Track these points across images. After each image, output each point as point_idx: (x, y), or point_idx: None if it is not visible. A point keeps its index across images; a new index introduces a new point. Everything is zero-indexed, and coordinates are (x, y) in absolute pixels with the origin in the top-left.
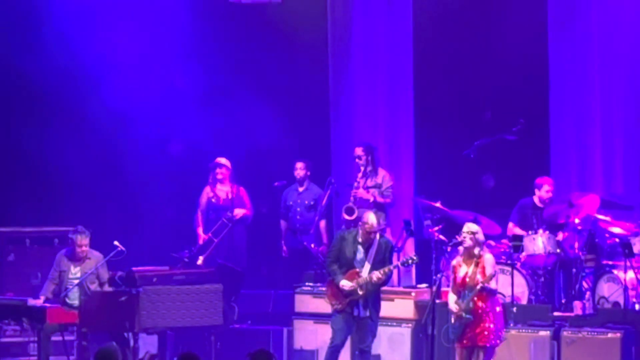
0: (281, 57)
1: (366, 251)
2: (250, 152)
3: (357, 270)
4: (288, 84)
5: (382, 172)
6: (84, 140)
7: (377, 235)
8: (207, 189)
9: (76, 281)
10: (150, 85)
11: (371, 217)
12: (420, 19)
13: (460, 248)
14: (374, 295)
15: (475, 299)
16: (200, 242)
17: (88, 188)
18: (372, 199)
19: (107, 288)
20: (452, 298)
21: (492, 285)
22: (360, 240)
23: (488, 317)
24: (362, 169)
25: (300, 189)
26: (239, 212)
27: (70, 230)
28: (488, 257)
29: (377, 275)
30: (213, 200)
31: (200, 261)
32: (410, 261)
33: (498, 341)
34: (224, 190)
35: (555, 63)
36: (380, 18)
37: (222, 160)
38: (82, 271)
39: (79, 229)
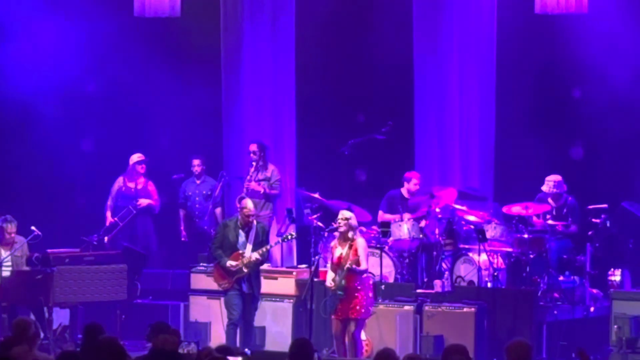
0: (179, 65)
1: (247, 235)
2: (151, 149)
3: (241, 252)
4: (185, 90)
5: (271, 167)
6: (4, 137)
7: (255, 221)
8: (120, 180)
9: (6, 263)
10: (66, 88)
11: (249, 203)
12: (302, 34)
13: (337, 232)
14: (255, 273)
15: (347, 277)
16: (107, 224)
17: (8, 179)
18: (262, 191)
19: (24, 267)
20: (329, 275)
21: (363, 266)
22: (240, 225)
23: (359, 293)
24: (254, 164)
25: (198, 182)
26: (143, 201)
27: None
28: (360, 242)
29: (257, 254)
30: (123, 189)
31: (106, 240)
32: (289, 237)
33: (368, 314)
34: (136, 182)
35: (420, 72)
36: (266, 33)
37: (142, 157)
38: (13, 253)
39: (7, 217)
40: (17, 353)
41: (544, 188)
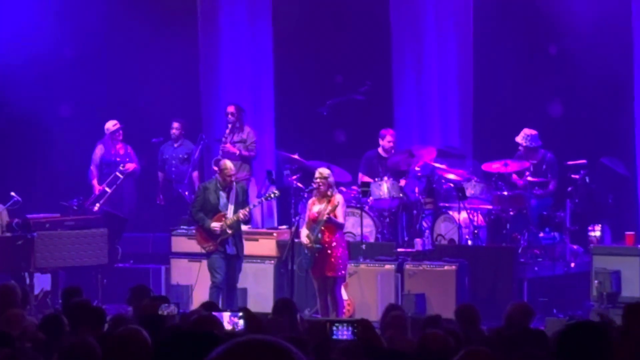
0: (156, 28)
1: (228, 196)
2: (130, 112)
3: (223, 213)
4: (162, 52)
5: (247, 129)
6: None
7: (235, 182)
8: (101, 147)
9: None
10: (43, 54)
11: (228, 163)
12: None
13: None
14: (238, 235)
15: (324, 230)
16: (97, 192)
17: None
18: (238, 153)
19: (5, 233)
20: (304, 232)
21: (340, 220)
22: (221, 186)
23: (333, 251)
24: (230, 125)
25: (176, 145)
26: (129, 166)
27: None
28: (339, 197)
29: (243, 213)
30: (106, 157)
31: (97, 208)
32: (272, 195)
33: (343, 272)
34: (116, 148)
35: (397, 31)
36: None
37: (117, 123)
38: None
39: None
40: (10, 317)
41: (518, 139)
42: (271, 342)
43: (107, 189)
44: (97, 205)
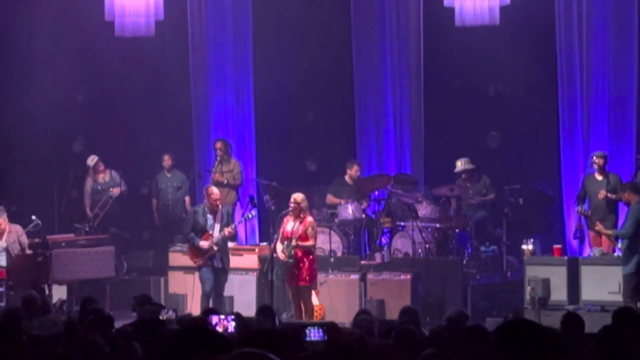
0: (155, 76)
1: (214, 217)
2: (132, 148)
3: (210, 232)
4: (160, 97)
5: (233, 161)
6: (7, 140)
7: (220, 206)
8: (89, 179)
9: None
10: (60, 99)
11: (215, 190)
12: (259, 51)
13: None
14: (224, 250)
15: (295, 249)
16: (91, 216)
17: (13, 177)
18: (225, 181)
19: (28, 251)
20: (279, 247)
21: (310, 242)
22: (208, 210)
23: (303, 264)
24: (219, 158)
25: (169, 175)
26: (116, 190)
27: None
28: (309, 220)
29: (227, 231)
30: (96, 187)
31: (95, 223)
32: (249, 216)
33: (312, 282)
34: (101, 176)
35: (359, 78)
36: (227, 49)
37: (94, 158)
38: (7, 241)
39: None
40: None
41: (458, 168)
42: (263, 355)
43: (99, 212)
44: (96, 222)
